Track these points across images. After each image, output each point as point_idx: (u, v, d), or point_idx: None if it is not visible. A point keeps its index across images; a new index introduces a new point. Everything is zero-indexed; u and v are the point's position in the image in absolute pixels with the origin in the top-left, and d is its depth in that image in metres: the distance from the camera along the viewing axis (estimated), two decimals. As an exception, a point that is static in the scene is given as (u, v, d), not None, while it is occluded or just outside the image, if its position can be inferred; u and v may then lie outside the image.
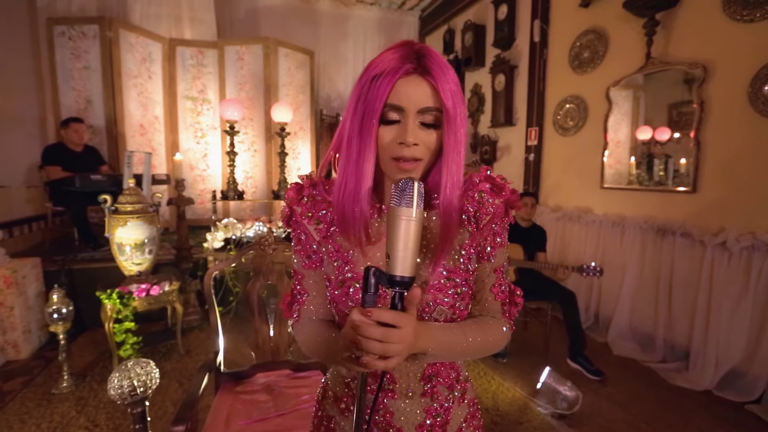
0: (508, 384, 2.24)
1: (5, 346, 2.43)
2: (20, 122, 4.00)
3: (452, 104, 0.56)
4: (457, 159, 0.58)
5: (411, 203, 0.50)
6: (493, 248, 0.65)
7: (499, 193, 0.64)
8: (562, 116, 3.39)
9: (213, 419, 1.24)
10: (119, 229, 2.27)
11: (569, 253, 3.23)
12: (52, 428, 1.81)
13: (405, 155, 0.56)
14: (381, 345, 0.49)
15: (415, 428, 0.65)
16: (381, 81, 0.54)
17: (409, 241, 0.50)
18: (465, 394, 0.71)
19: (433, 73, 0.55)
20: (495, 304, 0.66)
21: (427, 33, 5.64)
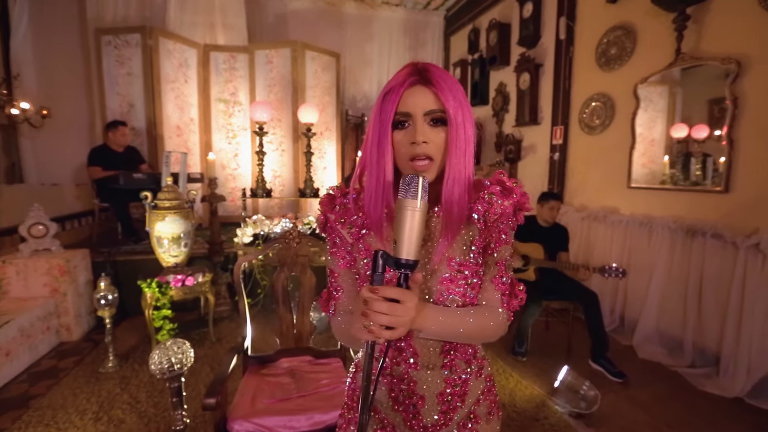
0: (526, 382, 2.25)
1: (60, 328, 2.68)
2: (72, 125, 4.34)
3: (453, 107, 0.64)
4: (460, 157, 0.66)
5: (416, 195, 0.57)
6: (497, 244, 0.72)
7: (508, 195, 0.70)
8: (588, 114, 3.33)
9: (241, 397, 1.35)
10: (158, 224, 2.45)
11: (594, 254, 3.18)
12: (99, 402, 2.00)
13: (417, 152, 0.65)
14: (387, 317, 0.56)
15: (436, 396, 0.72)
16: (391, 95, 0.64)
17: (414, 229, 0.57)
18: (482, 370, 0.78)
19: (434, 82, 0.64)
20: (494, 293, 0.72)
21: (451, 33, 5.64)
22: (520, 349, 2.54)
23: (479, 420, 0.77)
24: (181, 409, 1.33)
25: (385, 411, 0.76)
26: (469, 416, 0.76)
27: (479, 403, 0.77)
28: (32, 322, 2.43)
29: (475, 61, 4.92)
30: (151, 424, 1.83)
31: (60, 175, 4.37)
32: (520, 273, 2.65)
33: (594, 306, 2.44)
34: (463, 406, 0.75)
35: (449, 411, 0.73)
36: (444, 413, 0.73)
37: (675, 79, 2.72)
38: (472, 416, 0.76)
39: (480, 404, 0.78)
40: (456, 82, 0.67)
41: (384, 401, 0.75)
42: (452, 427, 0.75)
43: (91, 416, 1.89)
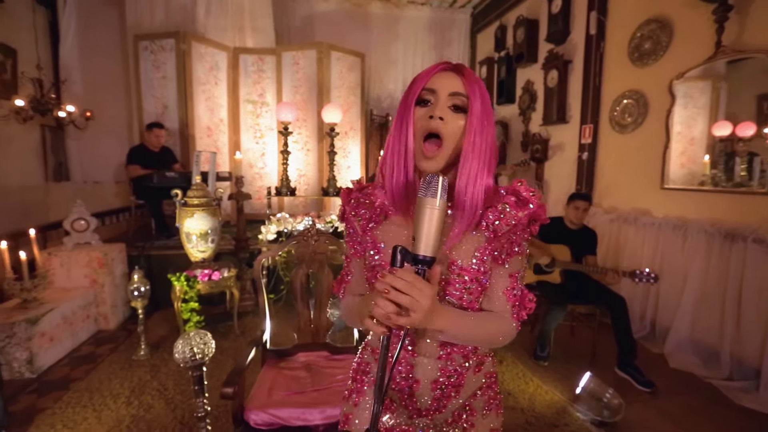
0: (547, 387, 2.19)
1: (98, 317, 2.86)
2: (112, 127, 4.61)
3: (475, 97, 0.66)
4: (477, 153, 0.66)
5: (435, 194, 0.58)
6: (509, 255, 0.72)
7: (524, 206, 0.69)
8: (619, 112, 3.20)
9: (258, 388, 1.40)
10: (187, 220, 2.56)
11: (623, 257, 3.05)
12: (131, 388, 2.12)
13: (431, 126, 0.66)
14: (405, 297, 0.56)
15: (430, 383, 0.75)
16: (421, 76, 0.68)
17: (432, 226, 0.58)
18: (481, 366, 0.80)
19: (465, 74, 0.67)
20: (506, 304, 0.73)
21: (478, 30, 5.57)
22: (542, 354, 2.48)
23: (475, 413, 0.79)
24: (203, 397, 1.39)
25: None
26: (465, 407, 0.79)
27: (476, 397, 0.79)
28: (74, 311, 2.61)
29: (501, 59, 4.83)
30: (177, 411, 1.92)
31: (101, 174, 4.65)
32: (545, 275, 2.58)
33: (622, 311, 2.35)
34: (457, 396, 0.77)
35: (443, 398, 0.76)
36: (437, 400, 0.76)
37: (719, 74, 2.56)
38: (467, 408, 0.79)
39: (477, 398, 0.79)
40: (483, 85, 0.69)
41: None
42: (446, 415, 0.78)
43: (124, 400, 2.01)
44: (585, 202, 2.59)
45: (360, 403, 0.81)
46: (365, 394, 0.82)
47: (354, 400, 0.83)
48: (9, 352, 2.18)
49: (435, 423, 0.79)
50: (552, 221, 2.76)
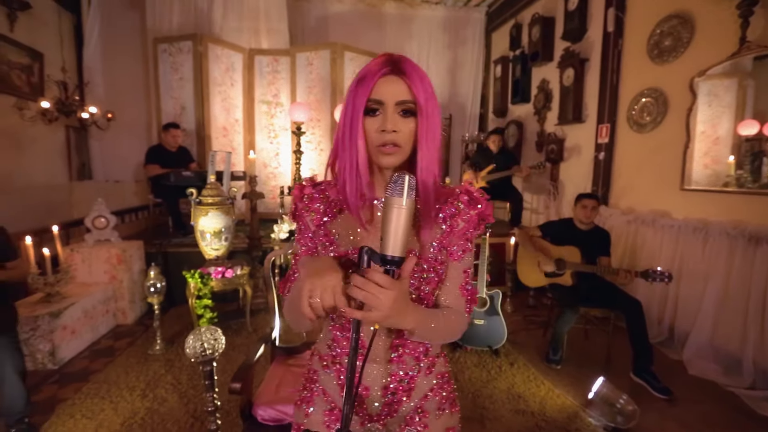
0: (559, 391, 2.15)
1: (116, 311, 2.94)
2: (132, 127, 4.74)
3: (423, 98, 0.66)
4: (430, 146, 0.68)
5: (402, 193, 0.58)
6: (464, 251, 0.76)
7: (474, 205, 0.75)
8: (637, 111, 3.12)
9: (266, 385, 1.42)
10: (202, 219, 2.61)
11: (641, 260, 2.97)
12: (147, 381, 2.18)
13: (386, 140, 0.66)
14: (362, 293, 0.56)
15: (380, 389, 0.75)
16: (365, 82, 0.66)
17: (400, 226, 0.58)
18: (433, 368, 0.80)
19: (407, 73, 0.66)
20: (461, 299, 0.77)
21: (493, 29, 5.51)
22: (555, 357, 2.43)
23: (427, 414, 0.79)
24: (212, 391, 1.42)
25: (334, 396, 0.79)
26: (417, 410, 0.79)
27: (427, 399, 0.80)
28: (94, 305, 2.70)
29: (516, 58, 4.77)
30: (189, 405, 1.97)
31: (122, 173, 4.79)
32: (556, 277, 2.54)
33: (637, 315, 2.29)
34: (409, 400, 0.78)
35: (394, 404, 0.76)
36: (388, 405, 0.76)
37: (745, 71, 2.47)
38: (420, 410, 0.79)
39: (428, 400, 0.80)
40: (426, 75, 0.68)
41: (332, 387, 0.79)
42: (398, 419, 0.78)
43: (139, 393, 2.07)
44: (592, 200, 2.53)
45: (311, 414, 0.81)
46: (314, 403, 0.81)
47: (305, 410, 0.82)
48: (33, 344, 2.27)
49: (388, 428, 0.79)
50: (562, 222, 2.72)
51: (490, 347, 2.53)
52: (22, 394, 1.73)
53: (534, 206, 4.62)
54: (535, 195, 4.59)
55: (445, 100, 5.77)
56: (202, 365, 1.39)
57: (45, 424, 1.82)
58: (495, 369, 2.38)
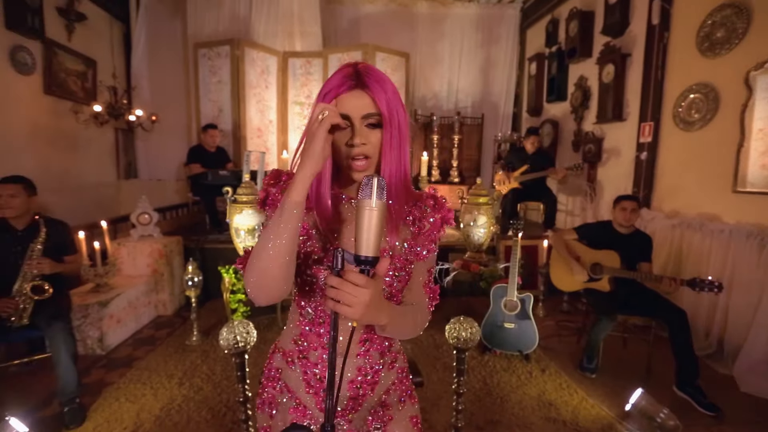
0: (593, 401, 2.06)
1: (157, 303, 3.11)
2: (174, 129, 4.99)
3: (387, 110, 0.68)
4: (396, 153, 0.70)
5: (371, 195, 0.59)
6: (428, 252, 0.80)
7: (439, 209, 0.79)
8: (684, 108, 2.93)
9: (295, 379, 1.45)
10: (236, 216, 2.71)
11: (686, 266, 2.79)
12: (183, 370, 2.29)
13: (356, 153, 0.69)
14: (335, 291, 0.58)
15: (347, 383, 0.77)
16: (329, 97, 0.68)
17: (372, 227, 0.59)
18: (395, 363, 0.86)
19: (370, 86, 0.67)
20: (424, 297, 0.81)
21: (528, 26, 5.37)
22: (589, 365, 2.33)
23: (390, 407, 0.83)
24: (244, 382, 1.47)
25: (298, 392, 0.80)
26: (380, 404, 0.83)
27: (389, 393, 0.84)
28: (137, 296, 2.86)
29: (552, 55, 4.62)
30: (222, 394, 2.05)
31: (164, 172, 5.05)
32: (592, 282, 2.43)
33: (682, 325, 2.15)
34: (372, 394, 0.81)
35: (359, 398, 0.79)
36: (353, 399, 0.78)
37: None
38: (383, 404, 0.83)
39: (390, 394, 0.84)
40: (391, 84, 0.70)
41: (297, 383, 0.80)
42: (363, 413, 0.81)
43: (177, 381, 2.17)
44: (632, 202, 2.40)
45: (276, 415, 0.81)
46: (278, 404, 0.81)
47: (269, 412, 0.82)
48: (84, 330, 2.44)
49: (354, 423, 0.81)
50: (600, 225, 2.60)
51: (520, 352, 2.46)
52: (74, 376, 1.86)
53: (569, 208, 4.45)
54: (570, 196, 4.42)
55: (477, 100, 5.68)
56: (235, 357, 1.44)
57: (93, 405, 1.95)
58: (525, 374, 2.31)
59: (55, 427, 1.79)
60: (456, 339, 1.52)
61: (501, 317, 2.48)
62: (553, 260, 2.70)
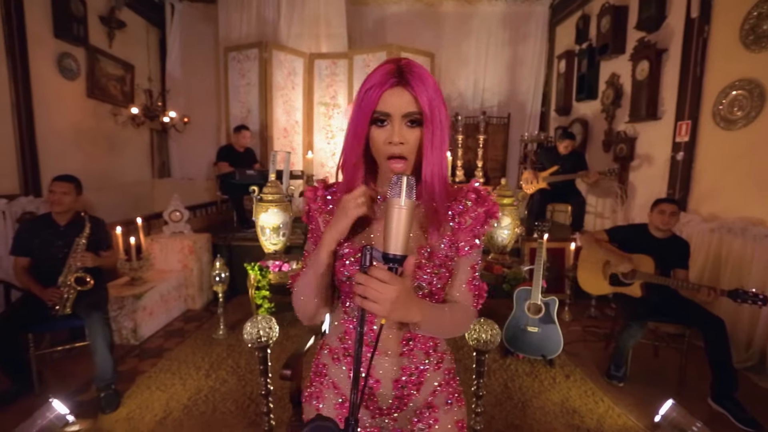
0: (619, 410, 1.99)
1: (187, 297, 3.24)
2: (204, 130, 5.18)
3: (428, 108, 0.67)
4: (437, 153, 0.69)
5: (400, 194, 0.60)
6: (471, 247, 0.78)
7: (482, 203, 0.77)
8: (725, 106, 2.77)
9: (315, 374, 1.48)
10: (262, 215, 2.78)
11: (725, 274, 2.64)
12: (210, 362, 2.37)
13: (394, 152, 0.68)
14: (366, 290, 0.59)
15: (391, 382, 0.77)
16: (371, 93, 0.67)
17: (400, 225, 0.60)
18: (441, 363, 0.83)
19: (412, 83, 0.66)
20: (468, 294, 0.79)
21: (557, 22, 5.22)
22: (617, 373, 2.25)
23: (436, 409, 0.82)
24: (266, 376, 1.51)
25: (343, 389, 0.82)
26: (427, 405, 0.81)
27: (436, 394, 0.82)
28: (169, 290, 2.99)
29: (582, 52, 4.47)
30: (246, 387, 2.11)
31: (195, 171, 5.26)
32: (622, 287, 2.34)
33: (719, 335, 2.04)
34: (418, 394, 0.80)
35: (404, 397, 0.78)
36: (399, 398, 0.78)
37: None
38: (429, 405, 0.81)
39: (437, 395, 0.82)
40: (434, 82, 0.68)
41: (343, 380, 0.81)
42: (408, 413, 0.80)
43: (204, 372, 2.26)
44: (671, 205, 2.29)
45: (321, 409, 0.83)
46: (324, 398, 0.83)
47: (315, 405, 0.85)
48: (119, 321, 2.57)
49: (399, 423, 0.80)
50: (634, 228, 2.49)
51: (544, 356, 2.40)
52: (110, 364, 1.97)
53: (599, 210, 4.30)
54: (600, 198, 4.27)
55: (503, 99, 5.58)
56: (258, 351, 1.49)
57: (127, 392, 2.06)
58: (548, 380, 2.26)
59: (92, 411, 1.90)
60: (476, 341, 1.50)
61: (524, 320, 2.43)
62: (581, 262, 2.62)
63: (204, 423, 1.83)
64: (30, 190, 3.33)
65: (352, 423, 0.56)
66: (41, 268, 2.10)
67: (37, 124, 3.42)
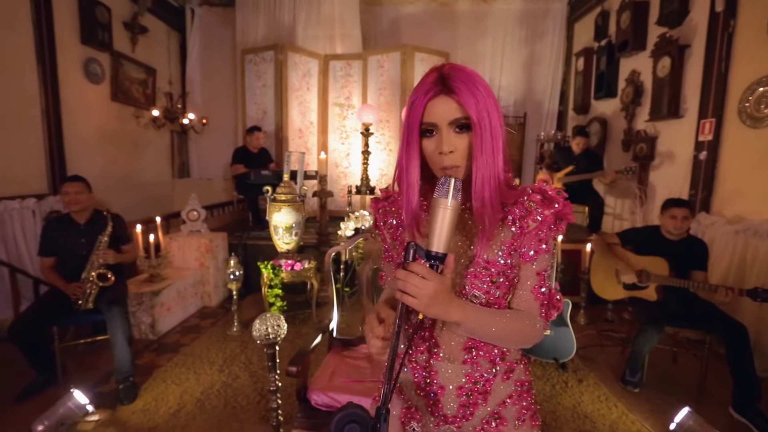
0: (633, 416, 1.94)
1: (204, 294, 3.33)
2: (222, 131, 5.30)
3: (476, 112, 0.65)
4: (488, 160, 0.66)
5: (447, 195, 0.61)
6: (537, 252, 0.72)
7: (549, 204, 0.71)
8: (752, 103, 2.66)
9: (321, 372, 1.50)
10: (275, 214, 2.84)
11: (750, 278, 2.53)
12: (224, 358, 2.43)
13: (446, 163, 0.68)
14: (402, 282, 0.60)
15: (456, 389, 0.75)
16: (416, 106, 0.67)
17: (444, 225, 0.61)
18: (511, 373, 0.77)
19: (457, 90, 0.65)
20: (534, 303, 0.73)
21: (576, 19, 5.12)
22: (633, 378, 2.19)
23: (505, 422, 0.77)
24: (275, 372, 1.55)
25: (408, 393, 0.81)
26: (494, 416, 0.77)
27: (505, 406, 0.77)
28: (186, 287, 3.08)
29: (601, 49, 4.37)
30: (258, 383, 2.16)
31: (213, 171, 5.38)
32: (638, 290, 2.28)
33: (740, 341, 1.96)
34: (485, 404, 0.76)
35: (470, 406, 0.75)
36: (464, 407, 0.75)
37: None
38: (497, 416, 0.77)
39: (507, 407, 0.77)
40: (481, 83, 0.66)
41: (408, 384, 0.80)
42: (475, 423, 0.77)
43: (217, 368, 2.32)
44: (682, 209, 2.19)
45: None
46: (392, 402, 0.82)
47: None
48: (138, 316, 2.66)
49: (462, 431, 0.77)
50: (647, 230, 2.42)
51: (556, 360, 2.36)
52: (128, 357, 2.05)
53: (618, 212, 4.19)
54: (619, 199, 4.16)
55: (519, 98, 5.50)
56: (267, 348, 1.52)
57: (144, 385, 2.13)
58: (560, 384, 2.22)
59: (111, 401, 1.97)
60: None
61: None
62: (594, 265, 2.56)
63: (215, 417, 1.88)
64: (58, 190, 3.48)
65: (383, 413, 0.55)
66: (67, 266, 2.20)
67: (64, 127, 3.58)
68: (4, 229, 2.93)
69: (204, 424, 1.84)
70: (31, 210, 3.13)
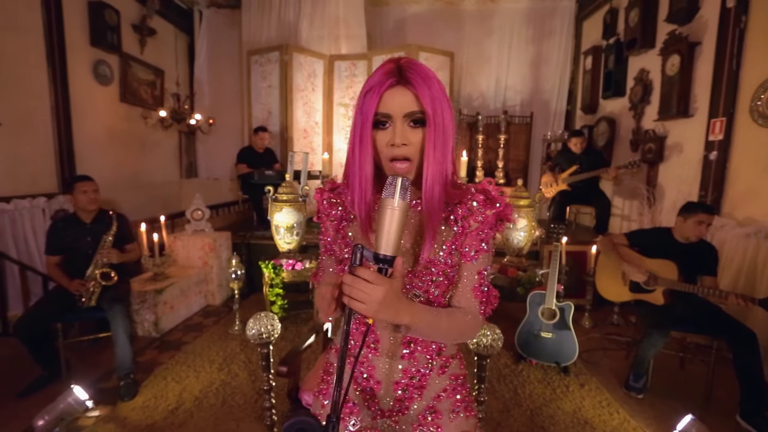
0: (636, 423, 1.89)
1: (207, 293, 3.36)
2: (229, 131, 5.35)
3: (431, 107, 0.64)
4: (439, 156, 0.66)
5: (394, 195, 0.58)
6: (477, 252, 0.74)
7: (491, 205, 0.72)
8: (764, 102, 2.58)
9: (314, 373, 1.48)
10: (277, 214, 2.84)
11: (762, 282, 2.46)
12: (224, 356, 2.45)
13: (396, 154, 0.66)
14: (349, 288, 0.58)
15: (392, 384, 0.77)
16: (371, 95, 0.65)
17: (392, 226, 0.59)
18: (447, 368, 0.80)
19: (414, 82, 0.64)
20: (473, 301, 0.76)
21: (584, 17, 5.04)
22: (636, 384, 2.14)
23: (440, 415, 0.79)
24: (268, 372, 1.55)
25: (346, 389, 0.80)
26: (429, 410, 0.79)
27: (440, 399, 0.79)
28: (189, 286, 3.11)
29: (609, 47, 4.29)
30: (256, 382, 2.16)
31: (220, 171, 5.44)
32: (644, 294, 2.23)
33: (749, 348, 1.91)
34: (420, 398, 0.78)
35: (405, 400, 0.78)
36: (400, 401, 0.77)
37: None
38: (432, 410, 0.79)
39: (441, 400, 0.80)
40: (436, 80, 0.65)
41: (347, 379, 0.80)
42: (410, 417, 0.79)
43: (217, 366, 2.33)
44: (712, 216, 2.12)
45: (326, 405, 0.85)
46: (330, 396, 0.84)
47: (321, 402, 0.87)
48: (141, 314, 2.70)
49: (400, 425, 0.79)
50: (656, 232, 2.37)
51: (558, 363, 2.32)
52: (129, 354, 2.07)
53: (626, 213, 4.11)
54: (627, 200, 4.08)
55: (526, 98, 5.44)
56: (260, 347, 1.52)
57: (145, 382, 2.15)
58: (561, 388, 2.18)
59: (111, 398, 2.00)
60: (476, 345, 1.48)
61: (537, 326, 2.36)
62: (600, 267, 2.51)
63: (212, 415, 1.89)
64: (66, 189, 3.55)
65: (333, 420, 0.55)
66: (72, 263, 2.23)
67: (74, 127, 3.65)
68: (15, 228, 3.00)
69: (201, 422, 1.85)
70: (41, 209, 3.20)
